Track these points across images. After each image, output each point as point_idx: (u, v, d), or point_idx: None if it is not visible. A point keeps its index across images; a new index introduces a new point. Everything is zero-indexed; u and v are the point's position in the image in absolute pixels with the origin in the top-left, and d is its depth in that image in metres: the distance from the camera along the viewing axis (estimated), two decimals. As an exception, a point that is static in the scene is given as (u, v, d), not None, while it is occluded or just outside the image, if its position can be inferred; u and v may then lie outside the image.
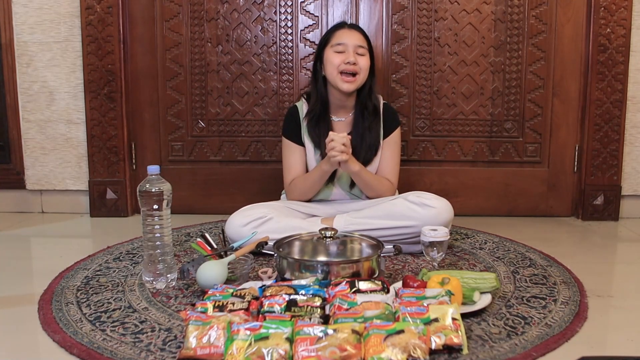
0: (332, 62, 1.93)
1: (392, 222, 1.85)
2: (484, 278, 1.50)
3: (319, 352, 1.13)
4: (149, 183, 1.58)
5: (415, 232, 1.82)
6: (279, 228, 1.84)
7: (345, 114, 2.04)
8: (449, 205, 1.86)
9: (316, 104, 2.00)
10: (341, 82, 1.92)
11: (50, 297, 1.57)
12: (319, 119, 2.00)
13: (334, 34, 1.97)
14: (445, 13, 2.41)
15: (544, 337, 1.32)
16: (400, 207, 1.86)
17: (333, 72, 1.93)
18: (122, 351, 1.26)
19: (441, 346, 1.21)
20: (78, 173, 2.56)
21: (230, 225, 1.87)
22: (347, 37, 1.94)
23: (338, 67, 1.92)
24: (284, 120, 2.10)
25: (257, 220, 1.86)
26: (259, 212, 1.88)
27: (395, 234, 1.86)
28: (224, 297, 1.37)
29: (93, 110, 2.47)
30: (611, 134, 2.41)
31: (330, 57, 1.93)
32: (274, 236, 1.77)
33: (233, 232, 1.86)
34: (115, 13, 2.41)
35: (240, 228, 1.85)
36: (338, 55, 1.92)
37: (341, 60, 1.91)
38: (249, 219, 1.86)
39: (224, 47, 2.47)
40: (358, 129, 2.00)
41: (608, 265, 1.92)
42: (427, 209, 1.82)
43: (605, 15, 2.34)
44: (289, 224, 1.86)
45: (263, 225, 1.86)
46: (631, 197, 2.50)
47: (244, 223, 1.85)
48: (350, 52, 1.92)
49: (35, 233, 2.32)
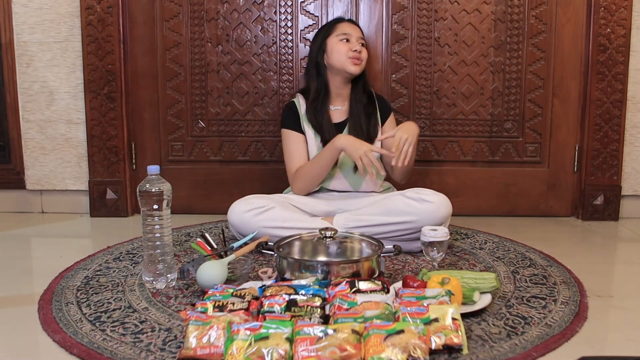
0: (339, 49, 2.04)
1: (391, 218, 1.87)
2: (484, 278, 1.50)
3: (319, 352, 1.13)
4: (149, 183, 1.58)
5: (414, 228, 1.84)
6: (281, 217, 1.88)
7: (342, 103, 2.14)
8: (447, 200, 1.87)
9: (319, 91, 2.09)
10: (351, 65, 2.04)
11: (50, 297, 1.57)
12: (321, 106, 2.08)
13: (337, 26, 2.09)
14: (445, 13, 2.41)
15: (544, 337, 1.32)
16: (399, 203, 1.87)
17: (342, 58, 2.04)
18: (122, 351, 1.26)
19: (441, 346, 1.21)
20: (78, 173, 2.56)
21: (233, 212, 1.92)
22: (350, 29, 2.08)
23: (347, 53, 2.04)
24: (283, 114, 2.14)
25: (260, 209, 1.90)
26: (262, 202, 1.92)
27: (395, 230, 1.88)
28: (224, 297, 1.37)
29: (93, 110, 2.47)
30: (611, 134, 2.41)
31: (337, 46, 2.05)
32: (276, 224, 1.86)
33: (235, 218, 1.90)
34: (115, 13, 2.41)
35: (243, 214, 1.89)
36: (345, 44, 2.05)
37: (349, 48, 2.04)
38: (251, 206, 1.90)
39: (224, 47, 2.47)
40: (355, 116, 2.10)
41: (608, 265, 1.92)
42: (425, 204, 1.84)
43: (605, 15, 2.34)
44: (290, 216, 1.90)
45: (265, 213, 1.89)
46: (631, 197, 2.50)
47: (246, 209, 1.89)
48: (355, 42, 2.06)
49: (35, 233, 2.33)
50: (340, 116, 2.12)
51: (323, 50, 2.08)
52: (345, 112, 2.13)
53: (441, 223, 1.84)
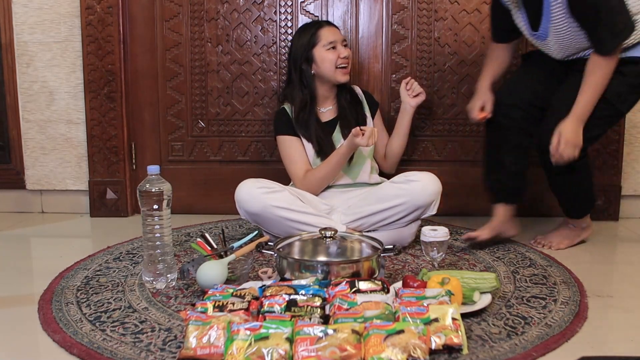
0: (329, 59, 2.06)
1: (384, 205, 1.92)
2: (484, 278, 1.50)
3: (319, 352, 1.13)
4: (149, 183, 1.58)
5: (407, 209, 1.89)
6: (289, 200, 1.90)
7: (330, 104, 2.18)
8: (434, 177, 1.90)
9: (305, 101, 2.10)
10: (341, 75, 2.08)
11: (50, 297, 1.57)
12: (308, 116, 2.09)
13: (320, 34, 2.08)
14: (445, 13, 2.41)
15: (544, 337, 1.32)
16: (388, 189, 1.94)
17: (331, 68, 2.06)
18: (122, 351, 1.26)
19: (441, 346, 1.21)
20: (78, 173, 2.56)
21: (244, 187, 1.92)
22: (332, 34, 2.09)
23: (335, 62, 2.06)
24: (275, 122, 2.16)
25: (270, 189, 1.91)
26: (272, 184, 1.94)
27: (390, 216, 1.92)
28: (224, 297, 1.37)
29: (93, 110, 2.47)
30: (611, 134, 2.40)
31: (325, 55, 2.06)
32: (283, 205, 1.88)
33: (245, 193, 1.90)
34: (115, 13, 2.41)
35: (254, 189, 1.89)
36: (332, 52, 2.06)
37: (336, 56, 2.06)
38: (262, 184, 1.92)
39: (224, 47, 2.47)
40: (344, 114, 2.14)
41: (608, 265, 1.92)
42: (412, 184, 1.88)
43: (605, 15, 2.34)
44: (298, 202, 1.93)
45: (274, 194, 1.91)
46: (631, 197, 2.50)
47: (257, 186, 1.90)
48: (342, 49, 2.07)
49: (35, 233, 2.33)
50: (330, 115, 2.16)
51: (311, 61, 2.08)
52: (333, 111, 2.17)
53: (432, 201, 1.89)
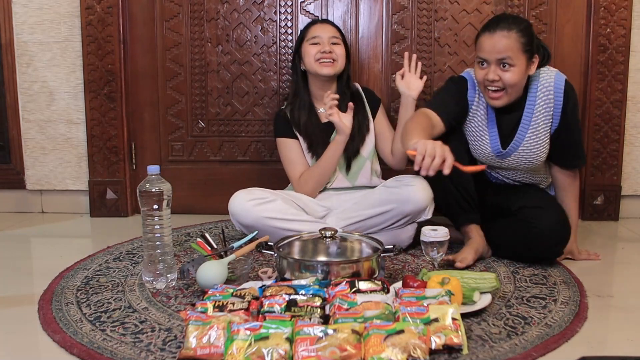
0: (309, 53, 2.06)
1: (376, 210, 1.92)
2: (484, 278, 1.50)
3: (319, 352, 1.13)
4: (149, 183, 1.58)
5: (396, 216, 1.89)
6: (282, 210, 1.90)
7: None
8: (426, 183, 1.88)
9: (298, 95, 2.11)
10: (320, 67, 2.04)
11: (50, 297, 1.57)
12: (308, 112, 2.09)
13: (309, 30, 2.11)
14: (445, 13, 2.41)
15: (544, 337, 1.32)
16: (382, 193, 1.94)
17: (311, 61, 2.05)
18: (122, 351, 1.26)
19: (441, 346, 1.21)
20: (78, 173, 2.56)
21: (235, 200, 1.92)
22: (320, 30, 2.08)
23: (315, 55, 2.05)
24: (275, 123, 2.16)
25: (262, 199, 1.91)
26: (264, 194, 1.94)
27: (385, 220, 1.92)
28: (224, 297, 1.37)
29: (93, 110, 2.47)
30: (611, 134, 2.41)
31: (307, 49, 2.07)
32: (276, 216, 1.88)
33: (237, 206, 1.90)
34: (115, 13, 2.41)
35: (245, 202, 1.89)
36: (314, 47, 2.06)
37: (317, 50, 2.05)
38: (253, 196, 1.91)
39: (224, 47, 2.47)
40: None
41: (608, 265, 1.92)
42: (404, 188, 1.88)
43: (605, 15, 2.34)
44: (291, 210, 1.93)
45: (266, 204, 1.90)
46: (631, 197, 2.50)
47: (248, 199, 1.90)
48: (325, 43, 2.05)
49: (35, 233, 2.33)
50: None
51: (300, 57, 2.10)
52: None
53: (424, 207, 1.87)
